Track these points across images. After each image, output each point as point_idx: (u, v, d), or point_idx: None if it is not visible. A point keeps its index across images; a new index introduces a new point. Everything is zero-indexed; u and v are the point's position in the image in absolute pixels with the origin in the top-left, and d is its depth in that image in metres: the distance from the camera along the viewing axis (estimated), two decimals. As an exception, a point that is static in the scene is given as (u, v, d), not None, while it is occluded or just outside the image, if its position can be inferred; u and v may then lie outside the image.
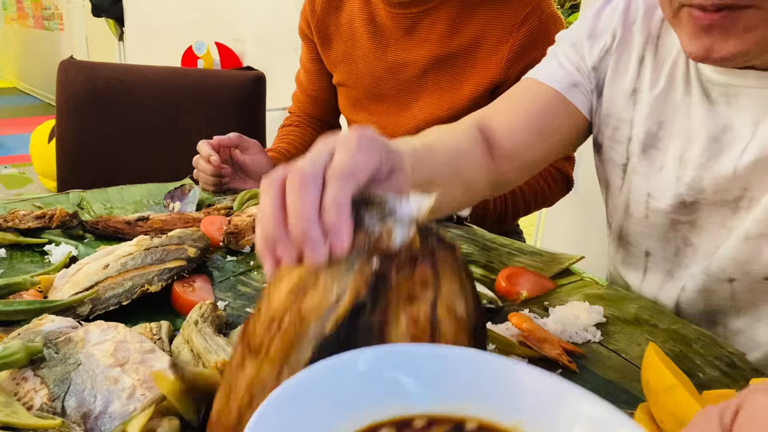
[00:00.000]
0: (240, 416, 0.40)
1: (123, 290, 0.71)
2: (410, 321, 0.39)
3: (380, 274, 0.39)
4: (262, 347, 0.40)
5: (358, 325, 0.39)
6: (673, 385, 0.47)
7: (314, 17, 1.32)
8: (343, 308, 0.39)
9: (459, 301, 0.40)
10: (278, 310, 0.40)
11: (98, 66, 1.72)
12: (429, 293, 0.39)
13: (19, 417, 0.47)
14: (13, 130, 5.64)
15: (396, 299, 0.39)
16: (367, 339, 0.38)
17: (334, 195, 0.42)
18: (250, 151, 1.19)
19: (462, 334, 0.39)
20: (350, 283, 0.39)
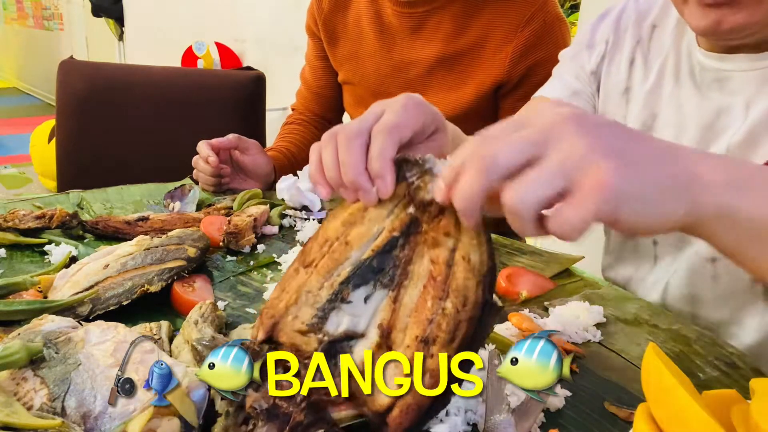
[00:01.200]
0: (286, 309, 0.50)
1: (123, 290, 0.71)
2: (431, 260, 0.47)
3: (414, 219, 0.48)
4: (313, 262, 0.50)
5: (389, 257, 0.48)
6: (673, 385, 0.47)
7: (321, 15, 1.32)
8: (380, 241, 0.49)
9: (474, 252, 0.45)
10: (331, 236, 0.51)
11: (98, 66, 1.72)
12: (450, 241, 0.46)
13: (19, 417, 0.47)
14: (13, 130, 5.64)
15: (423, 241, 0.48)
16: (393, 269, 0.48)
17: (379, 147, 0.51)
18: (249, 152, 1.19)
19: (472, 278, 0.45)
20: (388, 223, 0.49)
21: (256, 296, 0.78)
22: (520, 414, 0.54)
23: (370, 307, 0.48)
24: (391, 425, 0.44)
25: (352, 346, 0.47)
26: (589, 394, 0.61)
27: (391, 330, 0.47)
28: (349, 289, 0.48)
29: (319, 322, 0.48)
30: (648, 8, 0.88)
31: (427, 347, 0.44)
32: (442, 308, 0.45)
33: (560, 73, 0.97)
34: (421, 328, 0.45)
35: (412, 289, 0.47)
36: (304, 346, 0.48)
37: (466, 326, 0.44)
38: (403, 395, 0.44)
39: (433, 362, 0.44)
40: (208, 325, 0.63)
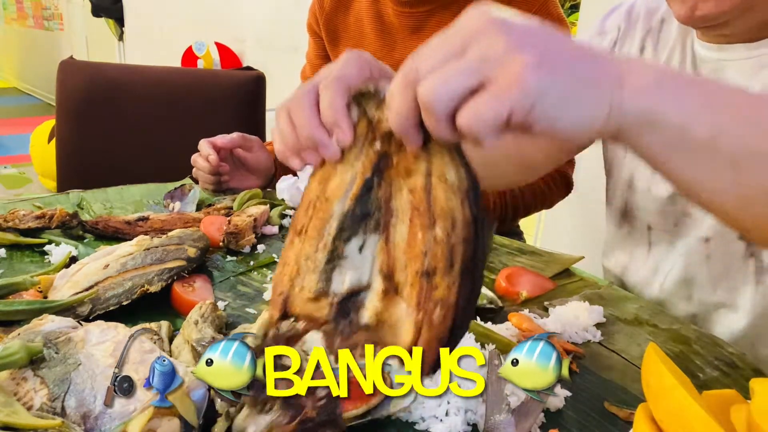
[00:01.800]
0: (291, 282, 0.49)
1: (123, 290, 0.71)
2: (409, 191, 0.45)
3: (382, 154, 0.47)
4: (303, 228, 0.49)
5: (370, 200, 0.47)
6: (673, 385, 0.47)
7: (323, 14, 1.32)
8: (356, 187, 0.47)
9: (449, 170, 0.44)
10: (312, 197, 0.50)
11: (98, 66, 1.72)
12: (422, 166, 0.45)
13: (19, 417, 0.47)
14: (13, 130, 5.63)
15: (396, 174, 0.46)
16: (377, 211, 0.47)
17: (328, 99, 0.49)
18: (253, 150, 1.19)
19: (453, 197, 0.43)
20: (359, 166, 0.48)
21: (256, 296, 0.78)
22: (520, 414, 0.54)
23: (366, 255, 0.47)
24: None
25: (362, 299, 0.46)
26: (589, 394, 0.61)
27: (392, 272, 0.46)
28: (341, 243, 0.47)
29: (324, 285, 0.47)
30: (657, 5, 0.91)
31: (430, 279, 0.43)
32: (433, 236, 0.43)
33: None
34: (419, 262, 0.44)
35: (400, 225, 0.46)
36: (317, 313, 0.47)
37: (462, 248, 0.43)
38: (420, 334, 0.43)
39: (439, 293, 0.43)
40: (208, 325, 0.63)
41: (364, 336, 0.45)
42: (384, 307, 0.45)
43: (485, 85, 0.40)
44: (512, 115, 0.40)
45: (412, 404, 0.55)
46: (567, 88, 0.42)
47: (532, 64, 0.40)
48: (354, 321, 0.46)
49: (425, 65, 0.42)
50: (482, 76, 0.40)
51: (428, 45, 0.43)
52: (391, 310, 0.45)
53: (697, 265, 0.83)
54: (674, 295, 0.86)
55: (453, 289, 0.42)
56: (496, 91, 0.40)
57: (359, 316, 0.46)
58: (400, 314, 0.45)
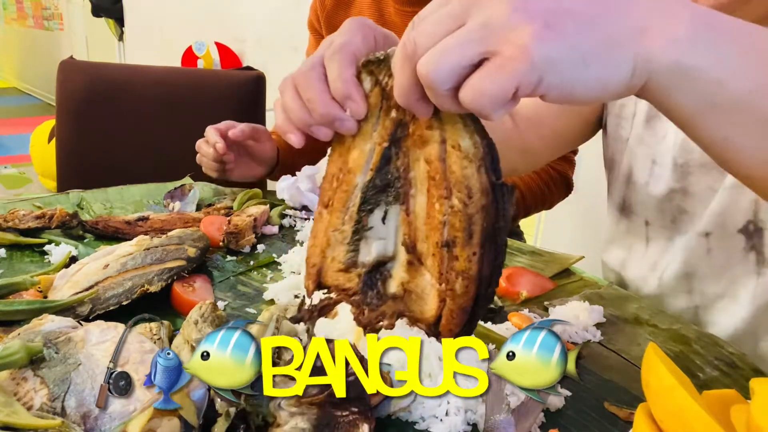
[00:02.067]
0: (323, 254, 0.50)
1: (123, 290, 0.71)
2: (425, 161, 0.44)
3: (398, 122, 0.46)
4: (329, 201, 0.50)
5: (389, 170, 0.46)
6: (673, 385, 0.47)
7: (324, 11, 1.33)
8: (375, 157, 0.47)
9: (462, 137, 0.43)
10: (334, 170, 0.50)
11: (98, 66, 1.72)
12: (436, 134, 0.44)
13: (19, 417, 0.47)
14: (13, 130, 5.63)
15: (413, 144, 0.45)
16: (396, 181, 0.46)
17: (336, 70, 0.47)
18: (260, 140, 1.19)
19: (469, 165, 0.42)
20: (376, 137, 0.47)
21: (256, 296, 0.78)
22: (520, 414, 0.54)
23: (390, 226, 0.47)
24: (444, 332, 0.45)
25: (388, 269, 0.47)
26: (589, 394, 0.61)
27: (414, 243, 0.45)
28: (365, 215, 0.47)
29: (352, 255, 0.48)
30: None
31: (450, 250, 0.43)
32: (450, 206, 0.43)
33: None
34: (438, 233, 0.43)
35: (419, 196, 0.45)
36: (347, 283, 0.48)
37: (480, 218, 0.42)
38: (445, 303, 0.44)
39: (460, 264, 0.42)
40: (208, 325, 0.63)
41: (391, 306, 0.47)
42: (410, 277, 0.46)
43: (488, 57, 0.37)
44: (519, 89, 0.37)
45: (412, 404, 0.55)
46: (580, 53, 0.38)
47: (538, 31, 0.36)
48: (381, 292, 0.47)
49: (424, 37, 0.39)
50: (484, 48, 0.37)
51: (427, 11, 0.40)
52: (417, 280, 0.46)
53: (697, 260, 0.83)
54: (674, 289, 0.86)
55: (474, 259, 0.42)
56: (500, 64, 0.37)
57: (386, 286, 0.47)
58: (425, 284, 0.45)
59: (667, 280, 0.87)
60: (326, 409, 0.48)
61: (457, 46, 0.38)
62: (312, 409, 0.48)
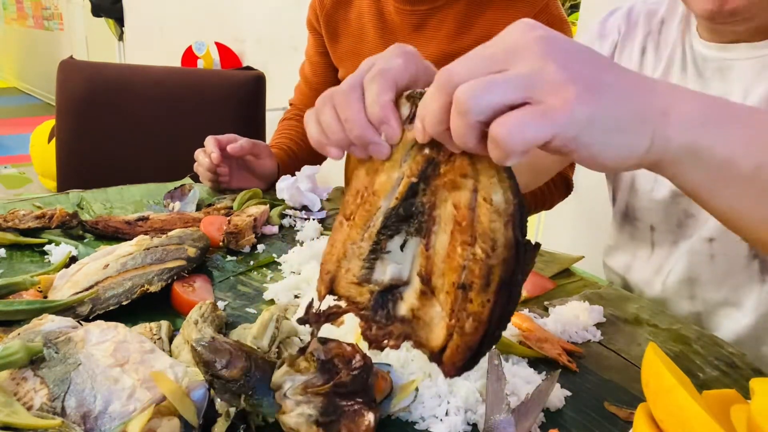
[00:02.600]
0: (338, 264, 0.51)
1: (123, 290, 0.71)
2: (453, 205, 0.45)
3: (430, 160, 0.46)
4: (351, 214, 0.51)
5: (414, 204, 0.47)
6: (673, 385, 0.47)
7: (323, 11, 1.32)
8: (402, 188, 0.47)
9: (496, 191, 0.43)
10: (360, 186, 0.51)
11: (98, 66, 1.72)
12: (469, 182, 0.44)
13: (19, 417, 0.47)
14: (13, 130, 5.64)
15: (443, 185, 0.46)
16: (419, 215, 0.47)
17: (374, 93, 0.48)
18: (260, 156, 1.19)
19: (498, 219, 0.43)
20: (406, 169, 0.47)
21: (256, 296, 0.78)
22: (520, 414, 0.54)
23: (408, 254, 0.48)
24: (446, 363, 0.45)
25: (401, 293, 0.48)
26: (589, 394, 0.61)
27: (430, 276, 0.46)
28: (385, 238, 0.48)
29: (367, 272, 0.49)
30: (656, 7, 0.91)
31: (465, 293, 0.44)
32: (472, 254, 0.43)
33: None
34: (456, 275, 0.44)
35: (441, 234, 0.46)
36: (358, 297, 0.49)
37: (499, 269, 0.43)
38: (452, 337, 0.45)
39: (473, 307, 0.43)
40: (208, 325, 0.63)
41: (399, 328, 0.47)
42: (420, 304, 0.47)
43: (530, 104, 0.39)
44: (554, 139, 0.39)
45: (412, 404, 0.55)
46: (612, 121, 0.41)
47: (581, 93, 0.39)
48: (391, 312, 0.48)
49: (462, 70, 0.40)
50: (529, 94, 0.39)
51: (469, 55, 0.42)
52: (427, 309, 0.46)
53: (700, 265, 0.83)
54: (677, 294, 0.86)
55: (487, 306, 0.43)
56: (544, 111, 0.39)
57: (396, 308, 0.48)
58: (435, 314, 0.46)
59: (670, 284, 0.87)
60: (331, 398, 0.49)
61: (503, 83, 0.39)
62: (318, 398, 0.49)
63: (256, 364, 0.50)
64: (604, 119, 0.41)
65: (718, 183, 0.47)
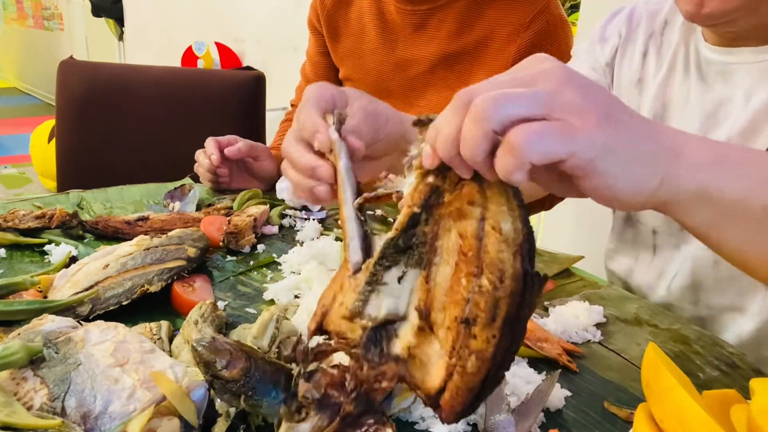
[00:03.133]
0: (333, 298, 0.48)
1: (123, 290, 0.71)
2: (459, 234, 0.43)
3: (434, 189, 0.44)
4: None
5: (416, 234, 0.45)
6: (673, 385, 0.47)
7: (324, 10, 1.33)
8: (402, 217, 0.45)
9: (505, 220, 0.41)
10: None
11: (98, 66, 1.72)
12: (477, 211, 0.42)
13: (19, 417, 0.47)
14: (13, 130, 5.64)
15: (447, 214, 0.44)
16: (420, 246, 0.45)
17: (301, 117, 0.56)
18: (260, 158, 1.19)
19: (506, 249, 0.41)
20: (407, 198, 0.45)
21: (256, 296, 0.78)
22: (520, 414, 0.54)
23: (405, 287, 0.45)
24: (444, 408, 0.42)
25: (396, 329, 0.45)
26: (589, 394, 0.61)
27: (429, 311, 0.44)
28: (382, 270, 0.46)
29: (360, 305, 0.46)
30: (659, 8, 0.91)
31: (469, 328, 0.41)
32: (478, 286, 0.41)
33: (574, 66, 0.98)
34: (459, 308, 0.42)
35: (443, 266, 0.44)
36: (349, 333, 0.46)
37: (507, 303, 0.41)
38: (451, 378, 0.42)
39: (476, 344, 0.41)
40: (208, 325, 0.63)
41: (393, 368, 0.44)
42: (417, 342, 0.44)
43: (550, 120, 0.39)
44: (570, 158, 0.39)
45: (412, 404, 0.55)
46: (627, 153, 0.42)
47: (601, 120, 0.40)
48: (384, 351, 0.45)
49: (482, 90, 0.40)
50: (548, 111, 0.39)
51: (488, 79, 0.42)
52: (424, 347, 0.44)
53: (704, 270, 0.83)
54: (681, 299, 0.86)
55: (492, 342, 0.41)
56: (565, 127, 0.39)
57: (391, 345, 0.45)
58: (433, 353, 0.43)
59: (675, 290, 0.86)
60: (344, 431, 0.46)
61: (524, 97, 0.39)
62: None
63: (256, 365, 0.50)
64: (620, 149, 0.41)
65: (728, 224, 0.48)
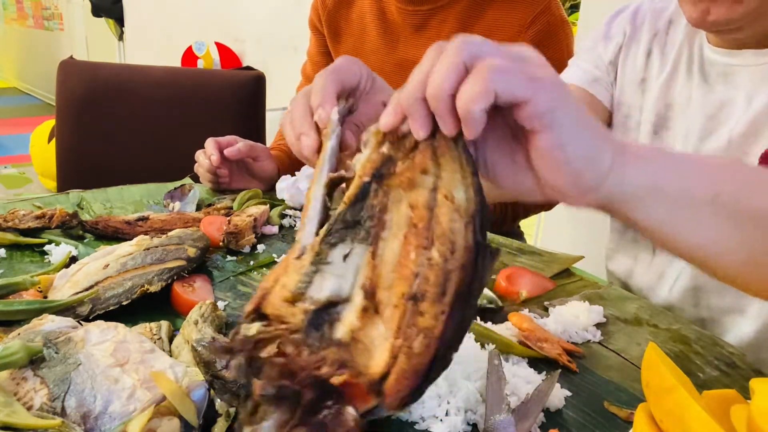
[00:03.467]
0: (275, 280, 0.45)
1: (123, 290, 0.71)
2: (409, 205, 0.42)
3: (387, 159, 0.43)
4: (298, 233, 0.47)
5: (364, 207, 0.43)
6: (673, 385, 0.47)
7: (325, 10, 1.33)
8: (352, 190, 0.44)
9: (458, 188, 0.41)
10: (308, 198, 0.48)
11: (98, 66, 1.72)
12: (429, 180, 0.41)
13: (19, 417, 0.47)
14: (13, 130, 5.64)
15: (398, 184, 0.42)
16: (368, 220, 0.43)
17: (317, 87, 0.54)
18: (259, 159, 1.19)
19: (459, 219, 0.40)
20: (359, 168, 0.44)
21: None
22: (520, 414, 0.54)
23: (350, 265, 0.43)
24: (389, 394, 0.39)
25: (339, 312, 0.42)
26: (589, 394, 0.61)
27: (375, 290, 0.41)
28: (327, 248, 0.43)
29: (302, 287, 0.43)
30: (664, 6, 0.91)
31: (416, 305, 0.39)
32: (428, 258, 0.39)
33: (578, 63, 0.98)
34: (407, 284, 0.40)
35: (391, 240, 0.41)
36: (290, 318, 0.42)
37: (457, 276, 0.39)
38: (396, 361, 0.39)
39: (424, 321, 0.38)
40: (208, 325, 0.63)
41: (334, 353, 0.41)
42: (361, 324, 0.41)
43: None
44: (530, 103, 0.40)
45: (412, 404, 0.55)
46: (581, 118, 0.43)
47: (558, 82, 0.42)
48: (326, 335, 0.41)
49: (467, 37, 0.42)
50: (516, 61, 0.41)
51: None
52: (368, 330, 0.41)
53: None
54: (682, 301, 0.86)
55: (441, 318, 0.38)
56: (532, 74, 0.40)
57: (333, 330, 0.41)
58: (377, 335, 0.40)
59: (676, 292, 0.87)
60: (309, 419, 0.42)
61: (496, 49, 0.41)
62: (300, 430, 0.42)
63: (256, 365, 0.50)
64: (575, 108, 0.43)
65: (679, 216, 0.47)
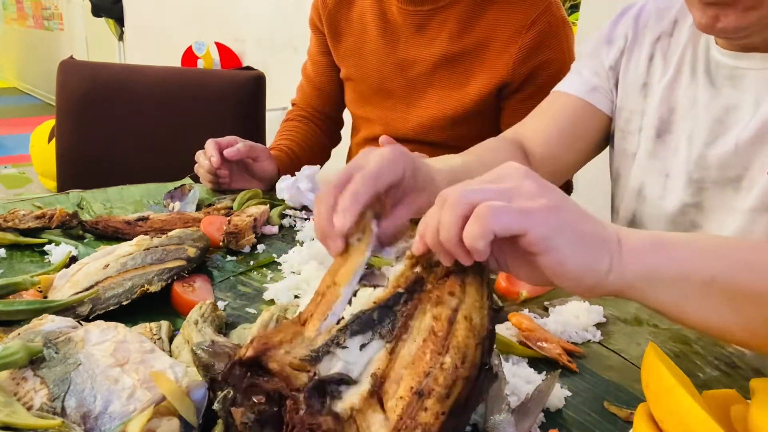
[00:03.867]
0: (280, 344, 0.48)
1: (123, 290, 0.71)
2: (433, 317, 0.48)
3: (419, 278, 0.51)
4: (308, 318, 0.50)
5: (391, 312, 0.49)
6: (673, 385, 0.47)
7: (326, 10, 1.33)
8: (384, 294, 0.50)
9: (476, 313, 0.47)
10: (321, 288, 0.52)
11: (98, 66, 1.72)
12: (454, 301, 0.48)
13: (19, 417, 0.47)
14: (13, 130, 5.64)
15: (426, 300, 0.49)
16: (393, 321, 0.49)
17: (351, 189, 0.55)
18: (259, 159, 1.19)
19: (472, 338, 0.46)
20: (393, 280, 0.51)
21: (256, 296, 0.78)
22: (520, 414, 0.54)
23: (365, 355, 0.47)
24: None
25: (341, 391, 0.45)
26: (589, 394, 0.61)
27: (384, 380, 0.46)
28: (346, 334, 0.48)
29: (311, 362, 0.47)
30: (669, 5, 0.90)
31: (421, 400, 0.43)
32: (441, 363, 0.45)
33: (579, 69, 0.98)
34: (417, 380, 0.44)
35: (410, 342, 0.47)
36: (294, 378, 0.46)
37: (462, 384, 0.44)
38: None
39: (425, 416, 0.43)
40: (208, 325, 0.63)
41: (330, 423, 0.43)
42: (362, 408, 0.44)
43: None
44: (527, 234, 0.46)
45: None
46: (577, 234, 0.49)
47: (551, 205, 0.48)
48: (327, 403, 0.45)
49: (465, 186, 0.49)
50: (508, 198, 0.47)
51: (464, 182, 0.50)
52: (368, 414, 0.44)
53: None
54: None
55: (440, 418, 0.43)
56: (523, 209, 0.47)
57: (334, 402, 0.45)
58: (375, 422, 0.44)
59: None
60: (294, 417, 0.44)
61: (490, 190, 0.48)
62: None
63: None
64: (568, 229, 0.48)
65: (680, 299, 0.51)
